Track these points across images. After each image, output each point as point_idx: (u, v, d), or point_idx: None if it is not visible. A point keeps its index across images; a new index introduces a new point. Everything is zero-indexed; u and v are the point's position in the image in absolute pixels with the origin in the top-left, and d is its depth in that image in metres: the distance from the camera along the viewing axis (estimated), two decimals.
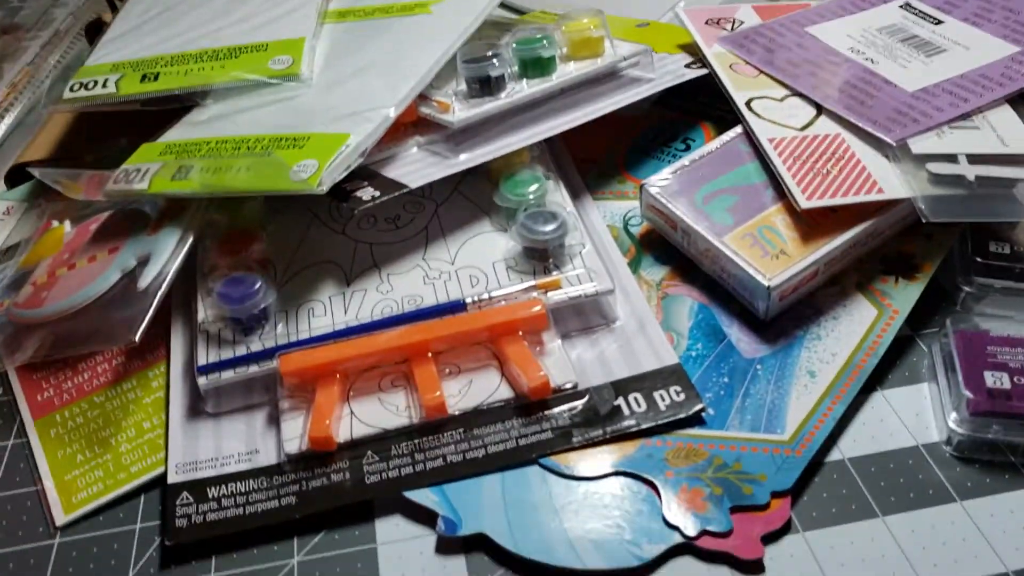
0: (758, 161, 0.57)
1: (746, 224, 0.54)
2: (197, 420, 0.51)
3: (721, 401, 0.49)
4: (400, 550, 0.46)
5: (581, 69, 0.60)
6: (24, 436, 0.54)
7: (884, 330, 0.51)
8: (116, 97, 0.63)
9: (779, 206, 0.54)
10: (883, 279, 0.54)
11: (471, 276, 0.54)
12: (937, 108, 0.55)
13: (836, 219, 0.53)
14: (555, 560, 0.43)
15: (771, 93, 0.60)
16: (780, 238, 0.52)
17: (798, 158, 0.55)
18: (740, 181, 0.57)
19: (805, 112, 0.58)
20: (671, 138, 0.67)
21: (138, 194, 0.56)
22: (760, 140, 0.57)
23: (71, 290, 0.56)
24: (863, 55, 0.61)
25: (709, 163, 0.58)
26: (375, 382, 0.51)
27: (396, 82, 0.56)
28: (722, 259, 0.53)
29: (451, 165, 0.56)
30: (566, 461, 0.47)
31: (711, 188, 0.56)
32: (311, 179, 0.49)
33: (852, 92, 0.58)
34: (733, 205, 0.55)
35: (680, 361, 0.51)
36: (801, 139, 0.56)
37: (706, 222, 0.54)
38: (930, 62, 0.60)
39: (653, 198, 0.57)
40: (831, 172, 0.53)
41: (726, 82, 0.61)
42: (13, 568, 0.47)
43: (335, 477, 0.47)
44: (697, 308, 0.55)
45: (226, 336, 0.52)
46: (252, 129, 0.57)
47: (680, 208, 0.55)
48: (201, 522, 0.46)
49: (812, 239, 0.52)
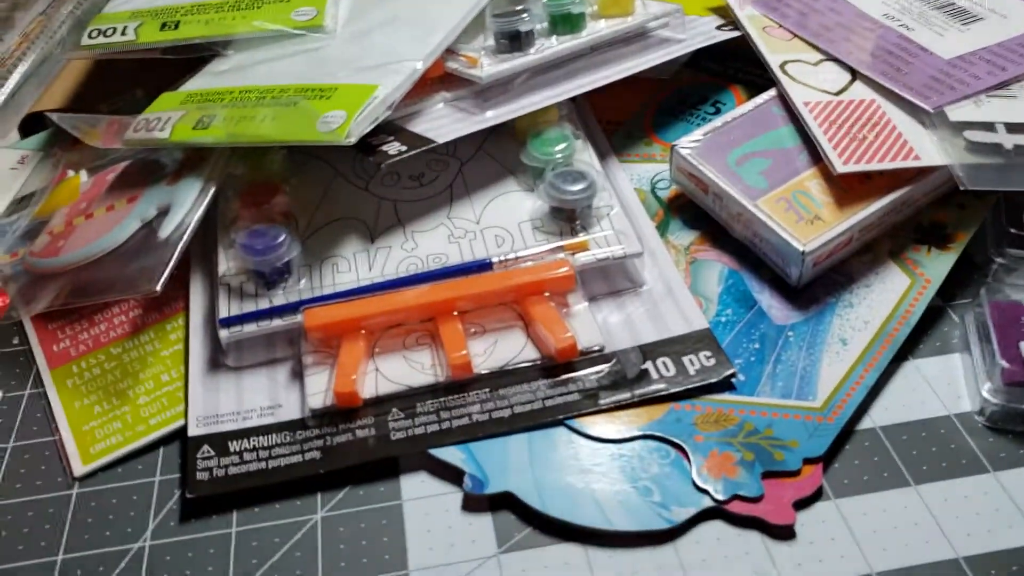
0: (792, 125, 0.56)
1: (780, 188, 0.53)
2: (217, 373, 0.50)
3: (751, 367, 0.49)
4: (426, 507, 0.45)
5: (611, 27, 0.59)
6: (40, 386, 0.53)
7: (916, 299, 0.51)
8: (135, 45, 0.62)
9: (814, 171, 0.54)
10: (916, 248, 0.54)
11: (496, 236, 0.53)
12: (975, 76, 0.54)
13: (871, 185, 0.52)
14: (582, 520, 0.43)
15: (805, 57, 0.60)
16: (815, 203, 0.52)
17: (834, 122, 0.54)
18: (774, 144, 0.56)
19: (840, 77, 0.58)
20: (700, 101, 0.66)
21: (158, 143, 0.55)
22: (795, 103, 0.56)
23: (89, 239, 0.56)
24: (898, 21, 0.60)
25: (742, 125, 0.57)
26: (400, 339, 0.50)
27: (424, 35, 0.56)
28: (755, 223, 0.52)
29: (478, 121, 0.55)
30: (592, 423, 0.47)
31: (744, 151, 0.56)
32: (339, 130, 0.49)
33: (887, 58, 0.57)
34: (767, 168, 0.54)
35: (712, 321, 0.51)
36: (836, 103, 0.55)
37: (739, 185, 0.53)
38: (966, 30, 0.59)
39: (684, 160, 0.56)
40: (867, 137, 0.52)
41: (760, 45, 0.60)
42: (32, 517, 0.47)
43: (360, 433, 0.47)
44: (727, 273, 0.54)
45: (248, 289, 0.51)
46: (276, 79, 0.56)
47: (712, 170, 0.54)
48: (223, 475, 0.46)
49: (847, 205, 0.51)
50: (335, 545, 0.44)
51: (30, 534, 0.46)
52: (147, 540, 0.45)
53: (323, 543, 0.44)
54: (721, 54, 0.66)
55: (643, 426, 0.47)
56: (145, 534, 0.45)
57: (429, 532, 0.44)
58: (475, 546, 0.43)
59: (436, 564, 0.43)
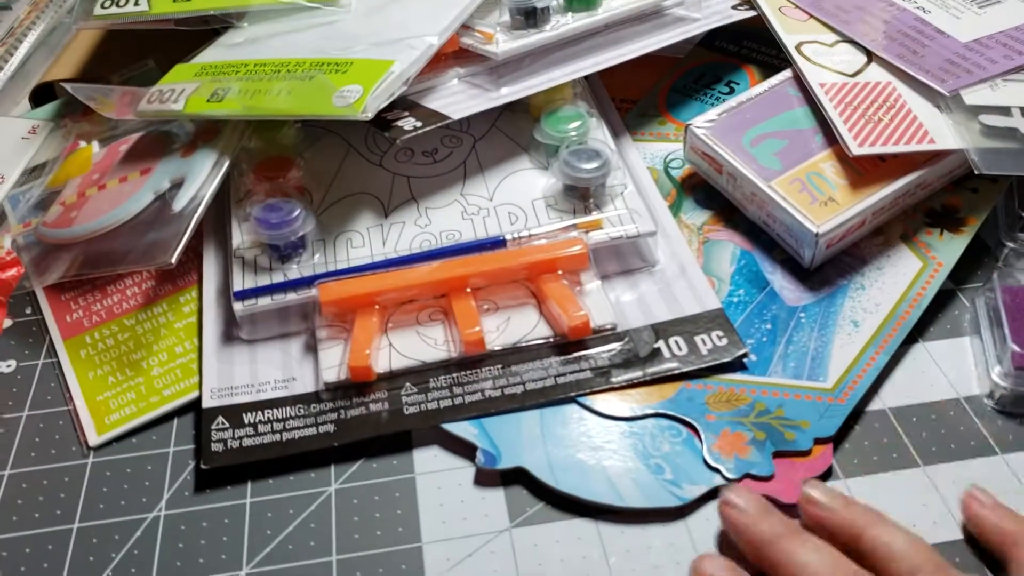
0: (807, 106, 0.57)
1: (794, 169, 0.53)
2: (232, 346, 0.51)
3: (763, 348, 0.49)
4: (438, 480, 0.46)
5: (627, 5, 0.59)
6: (54, 356, 0.53)
7: (928, 282, 0.51)
8: (148, 15, 0.61)
9: (828, 152, 0.54)
10: (928, 231, 0.54)
11: (510, 213, 0.53)
12: (991, 60, 0.55)
13: (885, 168, 0.52)
14: (594, 496, 0.44)
15: (821, 38, 0.60)
16: (829, 185, 0.52)
17: (849, 104, 0.54)
18: (788, 125, 0.56)
19: (855, 58, 0.58)
20: (714, 80, 0.66)
21: (173, 115, 0.55)
22: (811, 84, 0.56)
23: (102, 210, 0.56)
24: (914, 3, 0.60)
25: (757, 106, 0.57)
26: (413, 315, 0.50)
27: (439, 10, 0.56)
28: (769, 204, 0.52)
29: (492, 98, 0.55)
30: (604, 401, 0.47)
31: (758, 131, 0.56)
32: (356, 104, 0.49)
33: (904, 40, 0.57)
34: (781, 149, 0.54)
35: (724, 301, 0.51)
36: (852, 85, 0.55)
37: (754, 165, 0.53)
38: (983, 13, 0.59)
39: (698, 139, 0.56)
40: (882, 120, 0.52)
41: (776, 25, 0.60)
42: (48, 485, 0.47)
43: (373, 407, 0.47)
44: (739, 254, 0.54)
45: (262, 263, 0.51)
46: (292, 52, 0.56)
47: (727, 150, 0.55)
48: (237, 447, 0.46)
49: (861, 187, 0.51)
50: (349, 517, 0.45)
51: (46, 502, 0.46)
52: (162, 510, 0.45)
53: (337, 515, 0.45)
54: (735, 34, 0.66)
55: (655, 404, 0.47)
56: (160, 504, 0.46)
57: (442, 506, 0.45)
58: (487, 520, 0.44)
59: (449, 537, 0.43)
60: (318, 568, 0.43)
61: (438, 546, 0.43)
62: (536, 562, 0.42)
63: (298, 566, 0.43)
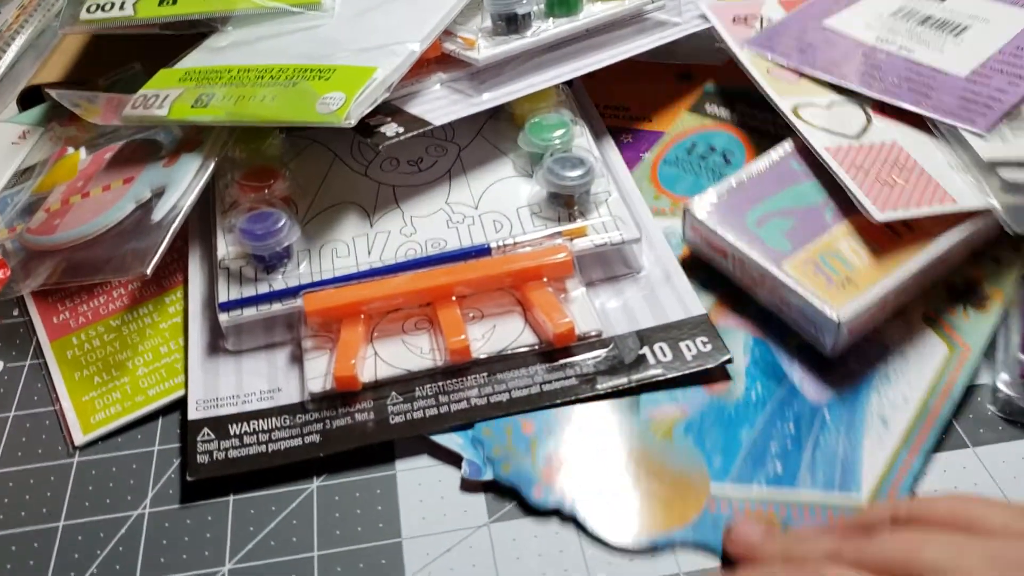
0: (814, 180, 0.52)
1: (806, 249, 0.48)
2: (217, 357, 0.50)
3: (789, 456, 0.44)
4: (419, 477, 0.45)
5: (607, 10, 0.59)
6: (40, 357, 0.53)
7: (957, 371, 0.46)
8: (133, 20, 0.61)
9: (840, 228, 0.49)
10: (951, 310, 0.49)
11: (495, 221, 0.52)
12: (999, 90, 0.53)
13: (904, 243, 0.48)
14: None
15: (816, 100, 0.56)
16: (845, 265, 0.47)
17: (860, 168, 0.50)
18: (795, 202, 0.51)
19: (856, 119, 0.54)
20: (708, 151, 0.60)
21: (157, 120, 0.54)
22: (817, 150, 0.52)
23: (84, 219, 0.55)
24: (894, 44, 0.58)
25: (759, 182, 0.53)
26: (399, 324, 0.50)
27: (421, 16, 0.55)
28: (782, 289, 0.48)
29: (474, 104, 0.54)
30: (609, 523, 0.43)
31: (763, 210, 0.51)
32: (338, 112, 0.48)
33: (909, 86, 0.54)
34: (790, 228, 0.50)
35: (739, 402, 0.47)
36: (858, 148, 0.52)
37: (761, 247, 0.49)
38: (960, 42, 0.57)
39: (699, 222, 0.51)
40: (897, 182, 0.49)
41: (767, 89, 0.57)
42: (34, 484, 0.47)
43: (359, 417, 0.46)
44: (752, 343, 0.49)
45: (247, 273, 0.50)
46: (275, 58, 0.55)
47: (731, 233, 0.50)
48: (223, 458, 0.45)
49: (880, 266, 0.47)
50: (330, 513, 0.44)
51: (32, 501, 0.46)
52: (147, 508, 0.45)
53: (318, 511, 0.44)
54: (727, 98, 0.63)
55: (675, 532, 0.42)
56: (145, 502, 0.46)
57: (422, 502, 0.44)
58: (466, 516, 0.44)
59: (428, 532, 0.43)
60: (300, 564, 0.43)
61: (418, 541, 0.43)
62: (514, 556, 0.42)
63: (280, 562, 0.43)
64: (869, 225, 0.48)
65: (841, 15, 0.61)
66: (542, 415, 0.46)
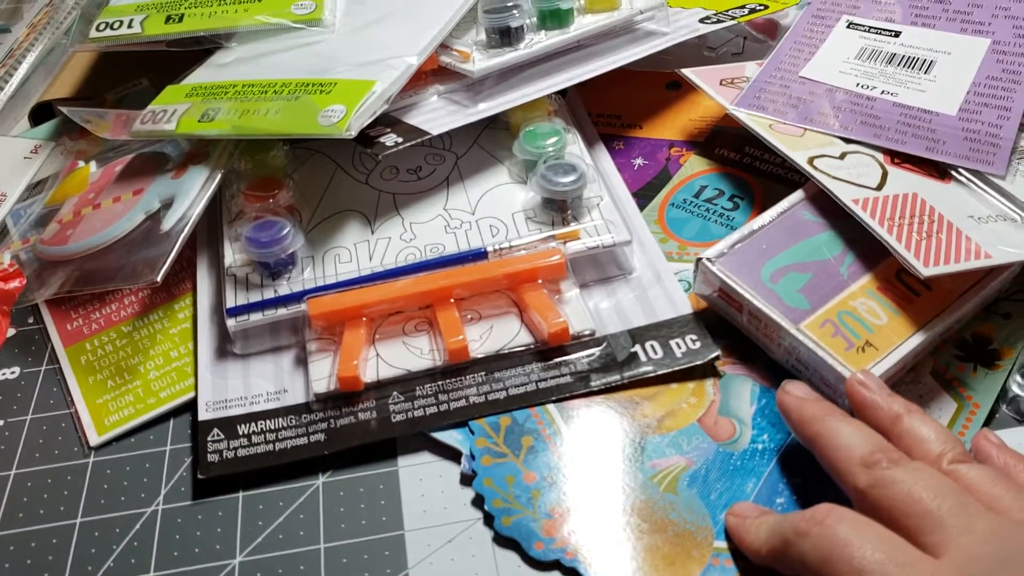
0: (829, 231, 0.51)
1: (824, 309, 0.47)
2: (225, 360, 0.51)
3: (797, 507, 0.43)
4: (420, 472, 0.46)
5: (598, 22, 0.60)
6: (56, 363, 0.54)
7: (965, 427, 0.45)
8: (141, 37, 0.62)
9: (857, 287, 0.48)
10: (960, 367, 0.48)
11: (491, 226, 0.54)
12: (993, 125, 0.52)
13: (923, 302, 0.47)
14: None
15: (828, 151, 0.54)
16: (864, 327, 0.46)
17: (892, 220, 0.48)
18: (810, 256, 0.49)
19: (872, 170, 0.52)
20: (716, 195, 0.59)
21: (165, 135, 0.56)
22: (846, 203, 0.49)
23: (96, 229, 0.56)
24: (876, 88, 0.57)
25: (771, 234, 0.51)
26: (399, 326, 0.51)
27: (418, 30, 0.56)
28: (801, 350, 0.46)
29: (470, 114, 0.55)
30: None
31: (777, 264, 0.49)
32: (340, 123, 0.49)
33: (911, 132, 0.54)
34: (805, 284, 0.48)
35: (746, 452, 0.45)
36: (884, 199, 0.49)
37: (779, 305, 0.47)
38: (934, 78, 0.56)
39: (713, 274, 0.49)
40: (932, 236, 0.47)
41: (777, 144, 0.55)
42: (52, 483, 0.48)
43: (362, 416, 0.47)
44: (760, 392, 0.48)
45: (254, 280, 0.52)
46: (278, 73, 0.56)
47: (746, 288, 0.48)
48: (232, 457, 0.46)
49: (900, 327, 0.46)
50: (335, 508, 0.45)
51: (50, 499, 0.47)
52: (159, 504, 0.46)
53: (324, 506, 0.46)
54: (736, 140, 0.62)
55: None
56: (158, 499, 0.47)
57: (423, 496, 0.45)
58: (466, 508, 0.45)
59: (430, 525, 0.44)
60: (307, 556, 0.44)
61: (419, 533, 0.44)
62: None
63: (288, 554, 0.44)
64: (887, 283, 0.48)
65: (812, 64, 0.60)
66: (544, 464, 0.45)
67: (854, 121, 0.56)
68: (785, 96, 0.59)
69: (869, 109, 0.56)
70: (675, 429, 0.47)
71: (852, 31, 0.62)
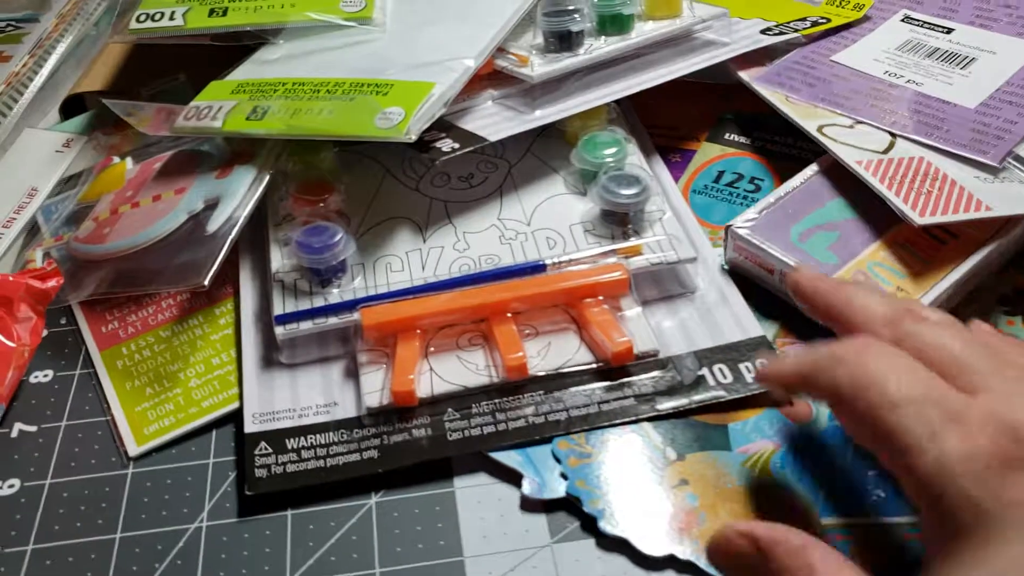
0: (847, 195, 0.52)
1: (854, 262, 0.48)
2: (271, 370, 0.49)
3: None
4: (478, 495, 0.44)
5: (658, 29, 0.58)
6: (90, 367, 0.52)
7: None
8: (184, 31, 0.60)
9: (883, 241, 0.49)
10: (1009, 321, 0.48)
11: (548, 238, 0.51)
12: (1009, 121, 0.52)
13: (947, 250, 0.48)
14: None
15: (839, 121, 0.55)
16: (895, 274, 0.48)
17: (893, 178, 0.49)
18: (835, 216, 0.51)
19: (879, 137, 0.53)
20: (736, 178, 0.59)
21: (211, 132, 0.53)
22: (849, 163, 0.51)
23: (135, 228, 0.54)
24: (903, 78, 0.57)
25: (797, 199, 0.52)
26: (453, 339, 0.48)
27: (474, 31, 0.54)
28: None
29: (527, 121, 0.54)
30: None
31: (805, 225, 0.51)
32: (400, 126, 0.47)
33: (920, 118, 0.54)
34: (834, 242, 0.50)
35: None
36: (888, 161, 0.51)
37: (810, 262, 0.48)
38: (968, 73, 0.56)
39: (744, 239, 0.50)
40: (932, 192, 0.48)
41: (790, 113, 0.56)
42: (89, 495, 0.46)
43: (416, 433, 0.45)
44: None
45: (302, 286, 0.49)
46: (328, 72, 0.54)
47: (777, 248, 0.49)
48: (281, 472, 0.44)
49: (928, 273, 0.47)
50: (390, 530, 0.43)
51: (87, 512, 0.45)
52: (204, 521, 0.44)
53: (378, 528, 0.43)
54: (745, 125, 0.62)
55: None
56: (201, 515, 0.44)
57: (482, 520, 0.43)
58: (528, 535, 0.42)
59: (491, 552, 0.42)
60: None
61: (480, 560, 0.42)
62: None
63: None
64: (912, 235, 0.49)
65: (848, 52, 0.60)
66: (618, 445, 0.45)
67: (863, 104, 0.56)
68: (805, 76, 0.59)
69: (884, 95, 0.56)
70: (753, 415, 0.46)
71: (905, 24, 0.62)
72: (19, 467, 0.47)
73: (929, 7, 0.63)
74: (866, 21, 0.63)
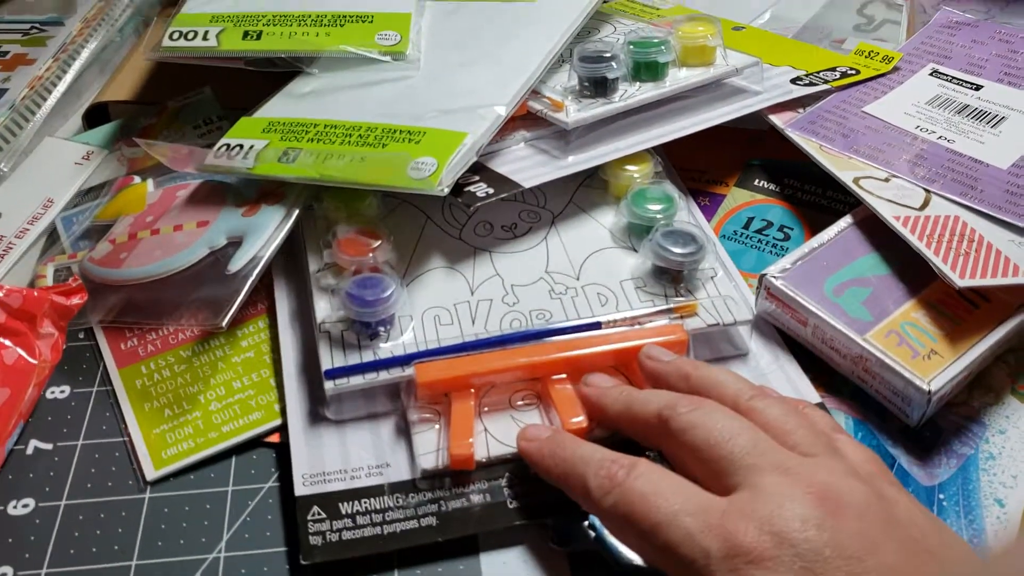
0: (883, 250, 0.48)
1: (887, 320, 0.45)
2: (318, 427, 0.44)
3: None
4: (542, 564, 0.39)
5: (692, 77, 0.54)
6: (108, 384, 0.47)
7: None
8: (217, 51, 0.55)
9: (917, 299, 0.46)
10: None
11: (599, 294, 0.47)
12: None
13: (980, 315, 0.45)
14: None
15: (874, 173, 0.52)
16: (928, 336, 0.44)
17: (931, 237, 0.46)
18: (869, 271, 0.48)
19: (916, 193, 0.50)
20: (765, 225, 0.55)
21: (241, 172, 0.48)
22: (888, 219, 0.48)
23: (154, 257, 0.49)
24: (934, 133, 0.54)
25: (830, 252, 0.49)
26: (505, 398, 0.44)
27: (506, 77, 0.50)
28: (868, 360, 0.44)
29: (561, 167, 0.50)
30: None
31: (839, 279, 0.47)
32: (432, 178, 0.44)
33: (953, 176, 0.51)
34: (867, 298, 0.46)
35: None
36: (925, 219, 0.48)
37: (844, 318, 0.45)
38: (999, 133, 0.53)
39: (778, 289, 0.47)
40: (970, 253, 0.45)
41: (825, 163, 0.52)
42: (105, 518, 0.41)
43: (475, 499, 0.40)
44: (853, 424, 0.45)
45: (350, 339, 0.44)
46: (361, 112, 0.50)
47: (810, 300, 0.46)
48: (336, 540, 0.39)
49: (962, 337, 0.44)
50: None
51: (103, 536, 0.40)
52: (222, 551, 0.40)
53: None
54: (775, 171, 0.58)
55: None
56: (220, 544, 0.40)
57: None
58: None
59: None
60: None
61: None
62: None
63: None
64: (945, 296, 0.46)
65: (879, 103, 0.57)
66: None
67: (898, 158, 0.53)
68: (839, 125, 0.55)
69: (917, 150, 0.53)
70: None
71: (934, 78, 0.59)
72: (34, 487, 0.43)
73: (957, 62, 0.60)
74: (894, 72, 0.59)
